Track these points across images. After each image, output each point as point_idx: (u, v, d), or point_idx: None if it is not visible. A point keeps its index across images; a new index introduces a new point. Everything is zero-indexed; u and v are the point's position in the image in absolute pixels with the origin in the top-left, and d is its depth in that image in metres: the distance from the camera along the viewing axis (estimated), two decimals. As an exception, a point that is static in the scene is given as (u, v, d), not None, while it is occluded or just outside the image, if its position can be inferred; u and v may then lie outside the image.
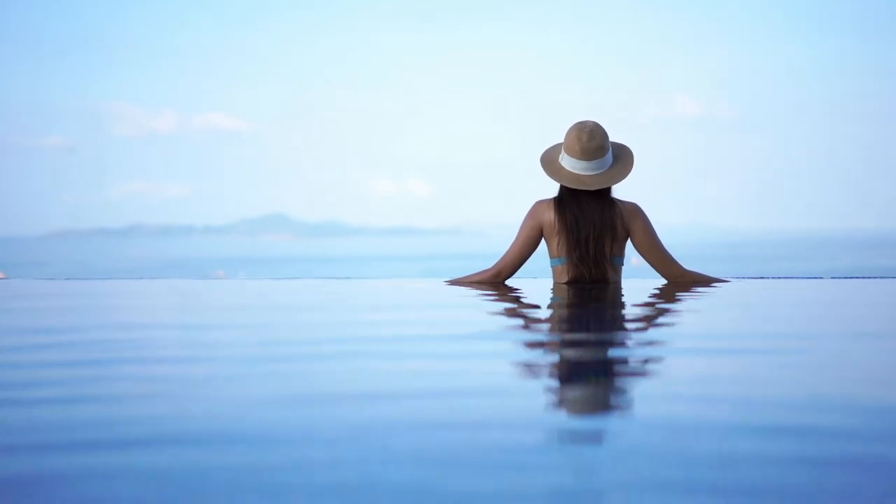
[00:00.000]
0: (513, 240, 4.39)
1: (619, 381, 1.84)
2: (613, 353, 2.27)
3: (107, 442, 1.34)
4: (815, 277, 5.28)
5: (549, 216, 4.27)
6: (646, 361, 2.07)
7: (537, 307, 3.48)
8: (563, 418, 1.51)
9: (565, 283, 4.26)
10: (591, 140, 4.22)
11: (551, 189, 4.37)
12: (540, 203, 4.32)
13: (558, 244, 4.27)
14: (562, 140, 4.34)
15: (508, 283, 4.40)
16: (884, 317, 3.31)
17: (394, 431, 1.38)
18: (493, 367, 2.03)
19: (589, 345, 2.42)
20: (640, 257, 4.42)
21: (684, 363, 2.07)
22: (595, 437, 1.37)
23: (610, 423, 1.46)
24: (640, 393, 1.70)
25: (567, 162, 4.27)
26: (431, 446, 1.30)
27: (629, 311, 3.33)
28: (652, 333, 2.66)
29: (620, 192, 4.36)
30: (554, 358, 2.19)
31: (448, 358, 2.15)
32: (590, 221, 4.22)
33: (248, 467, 1.20)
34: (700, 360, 2.10)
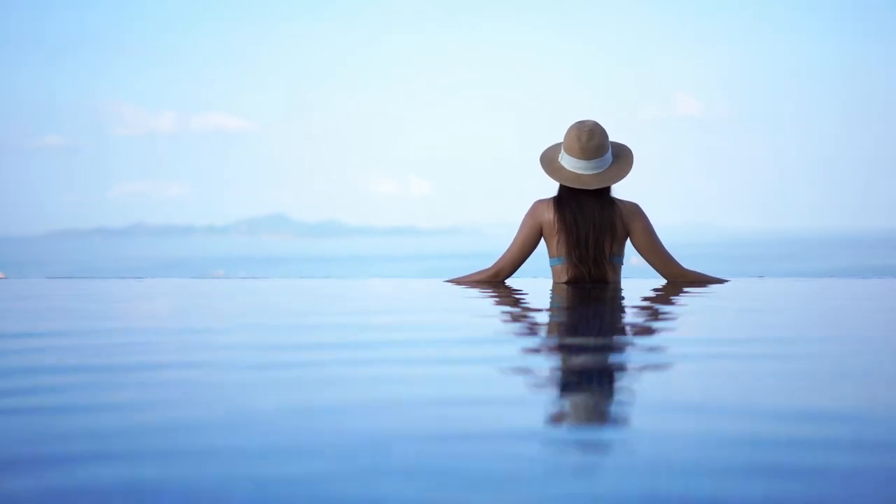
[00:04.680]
0: (512, 239, 4.37)
1: (617, 387, 1.82)
2: (612, 356, 2.25)
3: (110, 453, 1.32)
4: (817, 277, 5.26)
5: (549, 216, 4.26)
6: (644, 365, 2.05)
7: (536, 308, 3.46)
8: (560, 426, 1.49)
9: (565, 283, 4.25)
10: (591, 139, 4.20)
11: (551, 188, 4.36)
12: (539, 202, 4.31)
13: (558, 244, 4.25)
14: (562, 139, 4.32)
15: (507, 282, 4.38)
16: (883, 318, 3.29)
17: (391, 441, 1.36)
18: (489, 371, 2.01)
19: (588, 347, 2.40)
20: (640, 257, 4.40)
21: (682, 367, 2.05)
22: (592, 447, 1.35)
23: (607, 432, 1.44)
24: (638, 399, 1.68)
25: (567, 161, 4.25)
26: (429, 457, 1.28)
27: (629, 312, 3.31)
28: (651, 335, 2.64)
29: (620, 191, 4.35)
30: (552, 361, 2.18)
31: (445, 362, 2.13)
32: (589, 221, 4.20)
33: (248, 476, 1.18)
34: (698, 364, 2.08)
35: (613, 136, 4.36)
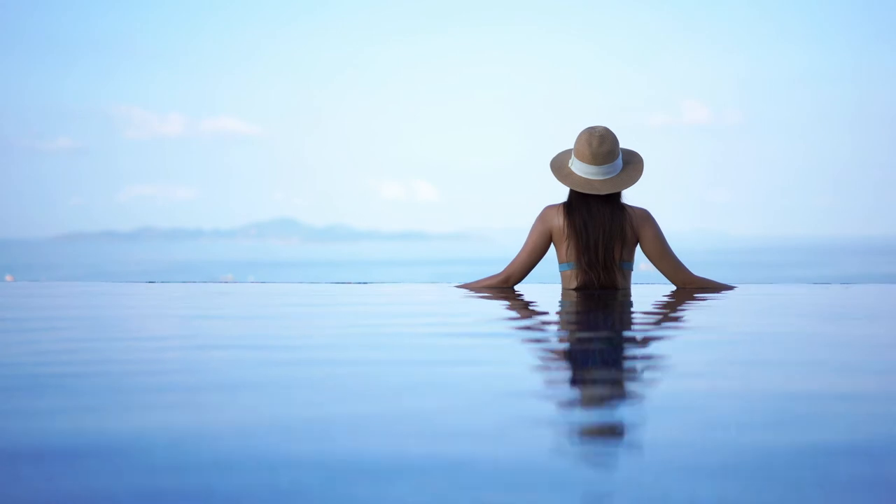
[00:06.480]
0: (522, 245, 4.37)
1: (623, 395, 1.82)
2: (618, 362, 2.25)
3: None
4: (825, 283, 5.25)
5: (559, 221, 4.26)
6: (651, 375, 2.06)
7: (545, 313, 3.46)
8: (568, 433, 1.49)
9: (574, 289, 4.24)
10: (602, 145, 4.20)
11: (560, 194, 4.36)
12: (549, 208, 4.31)
13: (567, 249, 4.25)
14: (572, 145, 4.32)
15: (517, 288, 4.38)
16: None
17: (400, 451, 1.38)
18: (498, 377, 2.01)
19: (595, 354, 2.40)
20: (650, 263, 4.40)
21: (690, 374, 2.05)
22: (600, 457, 1.37)
23: (613, 445, 1.44)
24: (645, 409, 1.68)
25: (577, 167, 4.25)
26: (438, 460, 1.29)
27: (638, 318, 3.31)
28: (660, 342, 2.64)
29: (630, 197, 4.35)
30: (557, 368, 2.18)
31: (453, 364, 2.14)
32: (599, 226, 4.20)
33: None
34: (706, 374, 2.08)
35: (622, 143, 4.36)
